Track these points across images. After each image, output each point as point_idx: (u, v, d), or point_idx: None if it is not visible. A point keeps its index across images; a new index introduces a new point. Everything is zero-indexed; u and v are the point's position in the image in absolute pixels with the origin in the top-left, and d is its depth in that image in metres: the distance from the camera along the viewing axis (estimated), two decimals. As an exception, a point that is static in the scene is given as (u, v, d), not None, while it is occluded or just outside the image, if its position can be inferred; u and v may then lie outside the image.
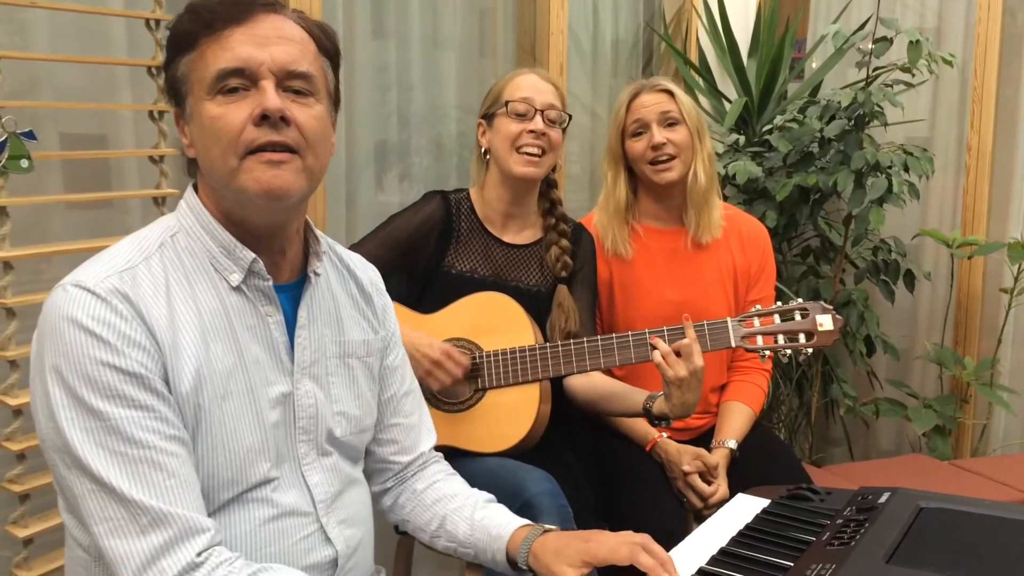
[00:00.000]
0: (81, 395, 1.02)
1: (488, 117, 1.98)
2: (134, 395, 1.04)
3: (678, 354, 1.71)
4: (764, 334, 1.77)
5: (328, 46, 1.20)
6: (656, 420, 1.83)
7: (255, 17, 1.11)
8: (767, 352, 1.77)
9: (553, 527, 1.32)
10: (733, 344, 1.79)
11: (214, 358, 1.12)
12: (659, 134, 2.08)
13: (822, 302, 1.79)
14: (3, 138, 1.58)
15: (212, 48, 1.10)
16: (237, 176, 1.10)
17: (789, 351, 1.77)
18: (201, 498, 1.09)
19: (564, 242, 2.01)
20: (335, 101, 1.23)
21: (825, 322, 1.75)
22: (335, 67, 1.22)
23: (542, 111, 1.92)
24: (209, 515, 1.09)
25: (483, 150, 2.00)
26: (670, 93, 2.12)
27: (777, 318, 1.78)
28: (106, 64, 1.93)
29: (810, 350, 1.77)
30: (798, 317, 1.77)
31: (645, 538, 1.23)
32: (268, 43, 1.11)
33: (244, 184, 1.10)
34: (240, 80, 1.10)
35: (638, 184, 2.21)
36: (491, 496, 1.42)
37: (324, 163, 1.18)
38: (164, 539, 1.02)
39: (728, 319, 1.80)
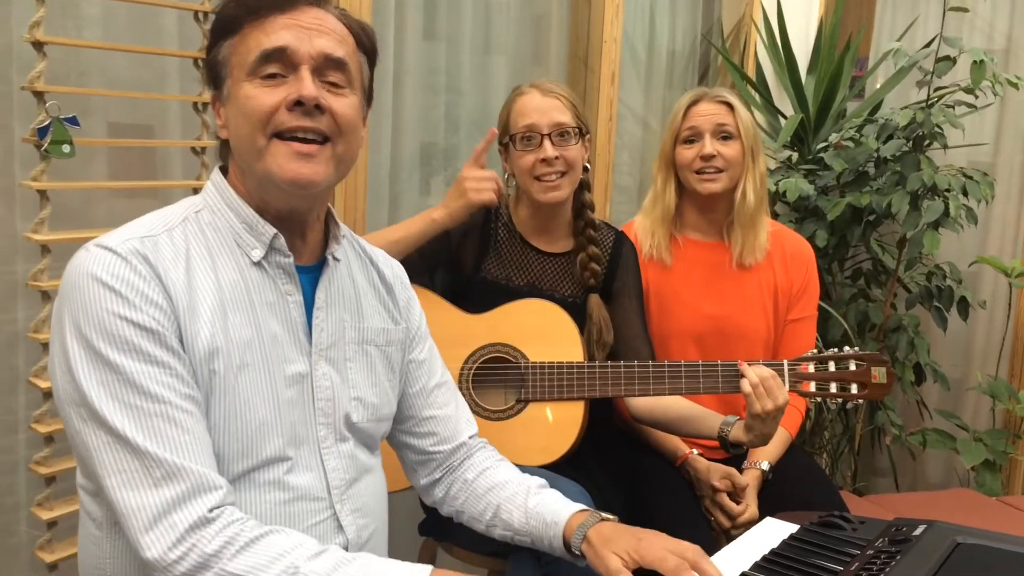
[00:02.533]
0: (98, 347, 1.04)
1: (504, 145, 1.94)
2: (149, 350, 1.05)
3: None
4: (817, 380, 1.75)
5: (367, 44, 1.23)
6: (732, 447, 1.80)
7: (299, 6, 1.15)
8: (817, 399, 1.75)
9: (611, 516, 1.30)
10: (787, 388, 1.75)
11: (231, 328, 1.13)
12: (710, 145, 2.04)
13: (879, 354, 1.76)
14: (47, 122, 1.60)
15: (254, 32, 1.13)
16: (263, 156, 1.13)
17: (840, 400, 1.76)
18: (213, 458, 1.09)
19: (593, 249, 1.95)
20: (368, 98, 1.25)
21: (880, 375, 1.74)
22: (371, 65, 1.25)
23: (549, 134, 1.85)
24: None
25: (508, 175, 1.96)
26: (730, 106, 2.06)
27: (832, 364, 1.76)
28: (153, 54, 1.95)
29: (860, 401, 1.75)
30: (853, 366, 1.74)
31: (697, 553, 1.21)
32: (310, 31, 1.14)
33: (269, 167, 1.13)
34: (279, 66, 1.13)
35: (683, 193, 2.16)
36: (542, 480, 1.41)
37: (354, 153, 1.20)
38: (177, 493, 1.03)
39: (785, 362, 1.76)
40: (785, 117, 3.12)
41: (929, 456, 3.24)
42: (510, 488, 1.39)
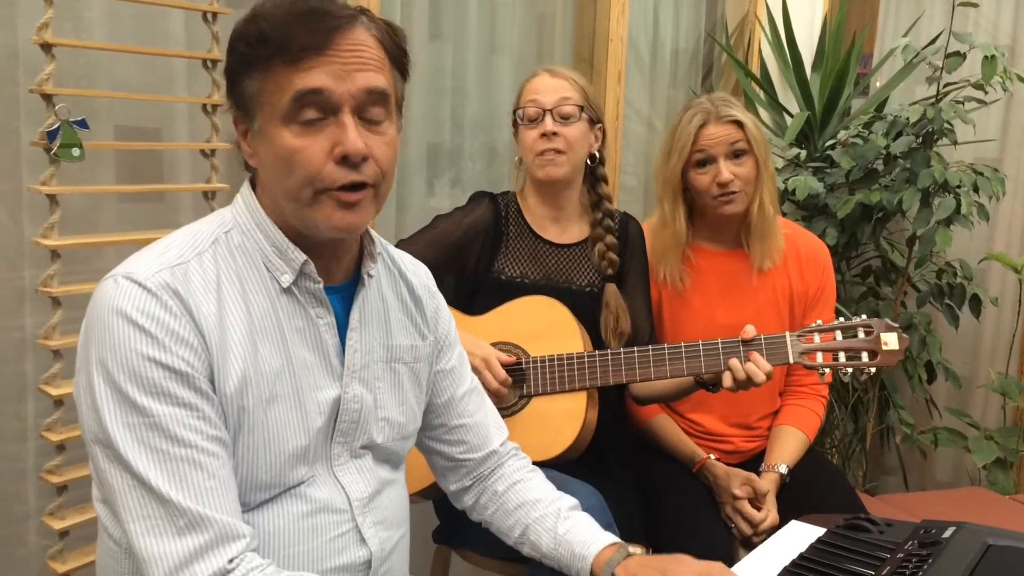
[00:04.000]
0: (125, 390, 1.01)
1: (515, 127, 1.95)
2: (178, 393, 1.03)
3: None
4: (824, 351, 1.70)
5: (398, 55, 1.15)
6: (711, 386, 1.81)
7: (334, 41, 1.06)
8: (826, 370, 1.70)
9: (638, 549, 1.29)
10: (791, 359, 1.71)
11: (261, 360, 1.10)
12: (726, 170, 1.96)
13: (887, 320, 1.71)
14: (56, 125, 1.57)
15: (288, 74, 1.06)
16: (311, 207, 1.09)
17: (850, 370, 1.69)
18: (238, 502, 1.07)
19: (610, 238, 1.95)
20: (399, 109, 1.20)
21: (890, 340, 1.67)
22: (404, 75, 1.18)
23: (551, 110, 1.86)
24: (243, 513, 1.08)
25: (517, 158, 1.97)
26: (739, 124, 1.98)
27: (839, 334, 1.71)
28: (162, 56, 1.93)
29: (872, 370, 1.69)
30: (861, 334, 1.69)
31: (722, 570, 1.19)
32: (347, 67, 1.07)
33: (317, 218, 1.10)
34: (317, 110, 1.06)
35: (693, 209, 2.10)
36: (574, 501, 1.39)
37: (391, 184, 1.17)
38: (200, 543, 1.01)
39: (787, 333, 1.73)
40: (790, 115, 3.11)
41: (938, 454, 3.22)
42: (540, 508, 1.36)
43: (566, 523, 1.33)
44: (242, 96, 1.11)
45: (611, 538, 1.30)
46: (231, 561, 1.02)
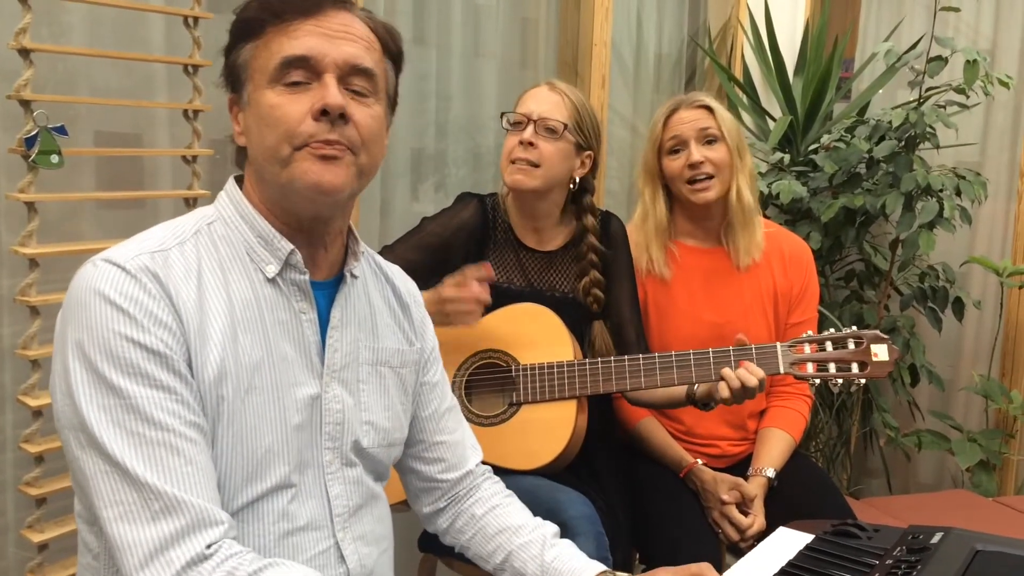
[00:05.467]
0: (102, 370, 0.99)
1: (505, 132, 1.94)
2: (156, 374, 1.00)
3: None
4: (815, 361, 1.71)
5: (393, 48, 1.19)
6: (703, 404, 1.82)
7: (325, 11, 1.10)
8: (816, 380, 1.70)
9: (625, 575, 1.27)
10: (782, 370, 1.72)
11: (241, 350, 1.08)
12: (697, 152, 2.00)
13: (877, 331, 1.72)
14: (34, 132, 1.55)
15: (278, 37, 1.09)
16: (288, 166, 1.09)
17: (840, 381, 1.70)
18: (216, 490, 1.04)
19: (595, 274, 1.93)
20: (392, 104, 1.21)
21: (880, 352, 1.69)
22: (397, 70, 1.21)
23: (536, 120, 1.84)
24: None
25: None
26: (709, 109, 2.03)
27: (829, 345, 1.72)
28: (142, 61, 1.91)
29: (862, 381, 1.70)
30: (851, 345, 1.70)
31: (705, 567, 1.21)
32: (336, 37, 1.10)
33: (294, 175, 1.09)
34: (303, 73, 1.08)
35: (674, 202, 2.13)
36: (556, 528, 1.37)
37: (377, 163, 1.16)
38: (175, 528, 0.98)
39: (778, 344, 1.74)
40: (773, 119, 3.11)
41: (921, 457, 3.24)
42: (523, 535, 1.34)
43: (552, 550, 1.31)
44: (234, 67, 1.13)
45: (599, 566, 1.28)
46: (209, 547, 0.99)
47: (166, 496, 0.98)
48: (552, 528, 1.36)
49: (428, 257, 1.88)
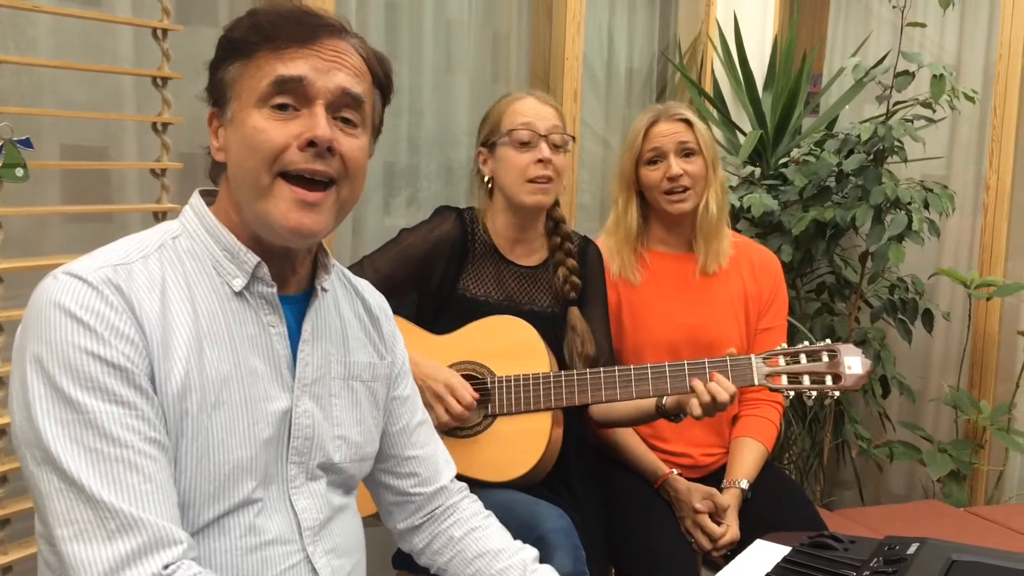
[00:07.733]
0: (60, 385, 0.96)
1: (490, 145, 1.90)
2: (116, 389, 0.98)
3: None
4: (789, 374, 1.71)
5: (383, 79, 1.18)
6: (673, 416, 1.83)
7: (319, 41, 1.09)
8: (791, 393, 1.71)
9: None
10: (756, 382, 1.73)
11: (208, 364, 1.06)
12: (676, 165, 2.03)
13: (851, 344, 1.73)
14: (-1, 145, 1.53)
15: (270, 60, 1.07)
16: (266, 196, 1.07)
17: (814, 393, 1.70)
18: (177, 509, 1.01)
19: (571, 262, 1.94)
20: (376, 133, 1.20)
21: (854, 365, 1.70)
22: (385, 100, 1.20)
23: (546, 136, 1.85)
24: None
25: (486, 178, 1.93)
26: (688, 123, 2.06)
27: (804, 358, 1.72)
28: (110, 73, 1.89)
29: (836, 393, 1.71)
30: (826, 358, 1.71)
31: None
32: (329, 64, 1.09)
33: (271, 212, 1.07)
34: (292, 97, 1.07)
35: (648, 210, 2.16)
36: (535, 551, 1.36)
37: (357, 195, 1.15)
38: (131, 547, 0.95)
39: (752, 356, 1.74)
40: (744, 133, 3.14)
41: (892, 467, 3.26)
42: (503, 559, 1.32)
43: None
44: (220, 83, 1.11)
45: None
46: (167, 567, 0.96)
47: (123, 514, 0.95)
48: (532, 552, 1.35)
49: (407, 270, 1.87)
